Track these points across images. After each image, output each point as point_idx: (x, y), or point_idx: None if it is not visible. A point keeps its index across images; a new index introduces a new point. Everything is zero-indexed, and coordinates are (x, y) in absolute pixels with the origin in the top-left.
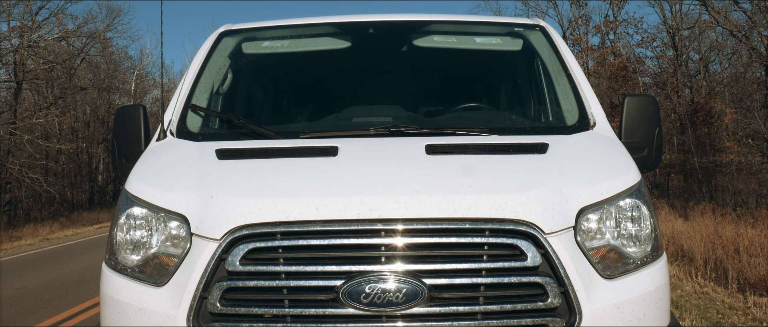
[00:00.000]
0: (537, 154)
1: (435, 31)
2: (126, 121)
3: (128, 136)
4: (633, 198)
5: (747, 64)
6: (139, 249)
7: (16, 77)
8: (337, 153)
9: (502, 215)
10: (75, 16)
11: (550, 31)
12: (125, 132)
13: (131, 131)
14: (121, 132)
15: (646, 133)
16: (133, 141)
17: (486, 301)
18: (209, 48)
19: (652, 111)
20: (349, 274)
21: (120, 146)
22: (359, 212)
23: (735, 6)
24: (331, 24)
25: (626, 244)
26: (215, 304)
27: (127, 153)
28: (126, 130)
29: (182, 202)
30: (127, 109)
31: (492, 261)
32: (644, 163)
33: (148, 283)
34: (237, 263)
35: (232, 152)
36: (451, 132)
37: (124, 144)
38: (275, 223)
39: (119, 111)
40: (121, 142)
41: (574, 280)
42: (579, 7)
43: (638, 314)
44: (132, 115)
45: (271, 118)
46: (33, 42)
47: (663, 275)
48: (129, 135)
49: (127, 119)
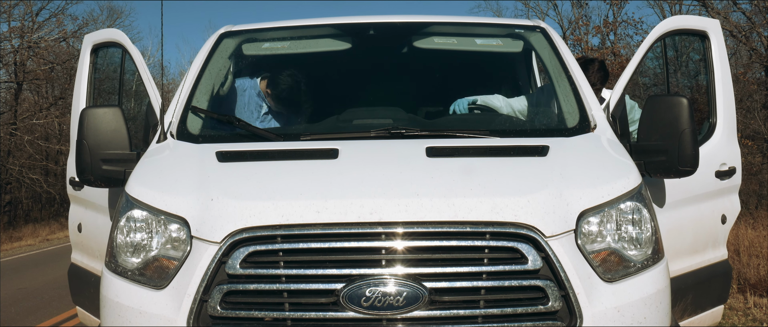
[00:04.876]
0: (537, 156)
1: (435, 33)
2: (101, 123)
3: (105, 137)
4: (634, 201)
5: (747, 65)
6: (139, 252)
7: (17, 78)
8: (337, 155)
9: (503, 218)
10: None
11: (550, 33)
12: (100, 134)
13: (111, 133)
14: (93, 134)
15: (667, 136)
16: (111, 144)
17: (486, 304)
18: (209, 49)
19: (676, 113)
20: (350, 278)
21: (93, 148)
22: (360, 215)
23: (734, 7)
24: (332, 25)
25: (627, 247)
26: (215, 308)
27: (106, 157)
28: (101, 131)
29: (182, 204)
30: (99, 111)
31: (492, 264)
32: (664, 167)
33: (148, 286)
34: (237, 266)
35: (232, 154)
36: (452, 134)
37: (97, 146)
38: (276, 226)
39: (86, 112)
40: (93, 144)
41: (574, 283)
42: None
43: (639, 317)
44: (107, 116)
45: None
46: (33, 43)
47: (664, 278)
48: (105, 137)
49: (102, 120)
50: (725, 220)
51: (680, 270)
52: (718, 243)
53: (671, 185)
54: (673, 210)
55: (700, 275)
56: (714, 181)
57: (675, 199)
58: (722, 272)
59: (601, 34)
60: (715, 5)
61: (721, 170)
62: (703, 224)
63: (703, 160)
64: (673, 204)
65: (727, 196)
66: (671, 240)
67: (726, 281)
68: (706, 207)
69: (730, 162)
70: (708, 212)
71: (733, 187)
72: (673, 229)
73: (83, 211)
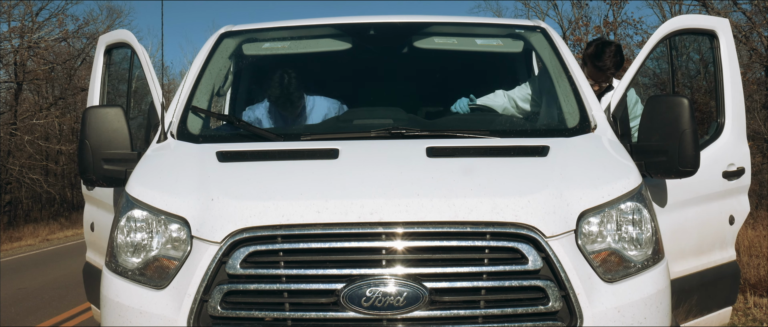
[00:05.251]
0: (538, 156)
1: (436, 33)
2: (102, 123)
3: (107, 137)
4: (634, 201)
5: (747, 65)
6: (139, 252)
7: (17, 78)
8: (337, 155)
9: (503, 219)
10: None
11: (550, 33)
12: (102, 134)
13: (111, 132)
14: (95, 133)
15: (667, 137)
16: (113, 143)
17: (487, 304)
18: (210, 49)
19: (677, 113)
20: (350, 278)
21: (94, 148)
22: (360, 215)
23: (734, 7)
24: (332, 25)
25: (627, 247)
26: (216, 308)
27: (107, 156)
28: (103, 131)
29: (183, 204)
30: (101, 111)
31: (493, 264)
32: (664, 168)
33: (148, 286)
34: (238, 266)
35: (232, 154)
36: (452, 134)
37: (99, 146)
38: (276, 226)
39: (88, 112)
40: (95, 144)
41: (575, 283)
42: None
43: (639, 318)
44: (108, 116)
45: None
46: (33, 43)
47: (664, 279)
48: (106, 136)
49: (104, 120)
50: (733, 220)
51: (685, 271)
52: (726, 244)
53: (676, 185)
54: (678, 210)
55: (705, 276)
56: (721, 182)
57: (680, 200)
58: (730, 273)
59: (601, 34)
60: (715, 5)
61: (728, 171)
62: (709, 225)
63: (710, 161)
64: (677, 204)
65: (735, 197)
66: (676, 241)
67: (734, 283)
68: (713, 208)
69: (738, 162)
70: (715, 213)
71: (741, 187)
72: (677, 229)
73: (96, 210)
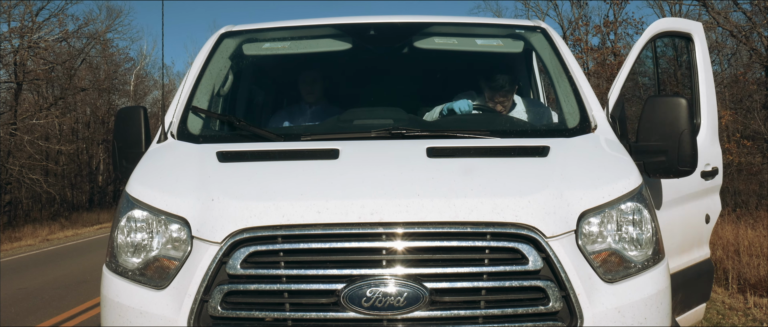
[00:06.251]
0: (538, 157)
1: (436, 33)
2: (126, 123)
3: (129, 137)
4: (634, 201)
5: (747, 65)
6: (139, 252)
7: (17, 78)
8: (338, 156)
9: (504, 219)
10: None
11: (551, 33)
12: (126, 133)
13: (132, 133)
14: (122, 133)
15: (666, 137)
16: (133, 143)
17: (487, 305)
18: (210, 49)
19: (675, 113)
20: (350, 278)
21: (120, 148)
22: (360, 216)
23: (735, 7)
24: (332, 25)
25: (627, 247)
26: (216, 308)
27: (127, 154)
28: (126, 131)
29: (183, 204)
30: (128, 111)
31: (493, 265)
32: (663, 168)
33: (149, 286)
34: (238, 266)
35: (233, 155)
36: (452, 135)
37: (125, 145)
38: (276, 226)
39: (120, 112)
40: (121, 144)
41: (575, 283)
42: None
43: (640, 318)
44: (132, 116)
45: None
46: (33, 43)
47: (664, 279)
48: (130, 136)
49: (128, 120)
50: (709, 219)
51: (671, 269)
52: (703, 242)
53: (663, 186)
54: (665, 210)
55: (687, 274)
56: (699, 182)
57: (667, 200)
58: (706, 270)
59: (601, 34)
60: (715, 5)
61: (705, 171)
62: (690, 224)
63: None
64: (666, 204)
65: (710, 197)
66: (665, 240)
67: (709, 280)
68: (692, 207)
69: (713, 162)
70: (694, 212)
71: (715, 187)
72: (664, 229)
73: None
